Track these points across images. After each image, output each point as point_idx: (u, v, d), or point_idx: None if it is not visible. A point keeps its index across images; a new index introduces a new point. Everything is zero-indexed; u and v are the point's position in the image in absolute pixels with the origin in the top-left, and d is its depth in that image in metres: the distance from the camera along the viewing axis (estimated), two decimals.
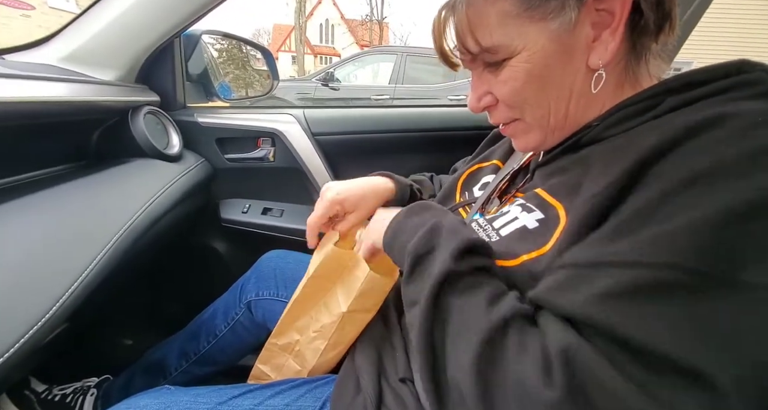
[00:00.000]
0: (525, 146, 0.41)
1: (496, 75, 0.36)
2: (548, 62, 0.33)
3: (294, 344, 0.52)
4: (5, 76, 0.50)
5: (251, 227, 0.93)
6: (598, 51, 0.33)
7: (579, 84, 0.35)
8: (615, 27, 0.32)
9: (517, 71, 0.34)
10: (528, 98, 0.35)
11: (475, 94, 0.39)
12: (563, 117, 0.36)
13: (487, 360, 0.27)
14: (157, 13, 0.72)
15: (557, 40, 0.32)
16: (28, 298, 0.36)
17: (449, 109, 1.04)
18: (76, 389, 0.70)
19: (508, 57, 0.34)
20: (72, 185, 0.56)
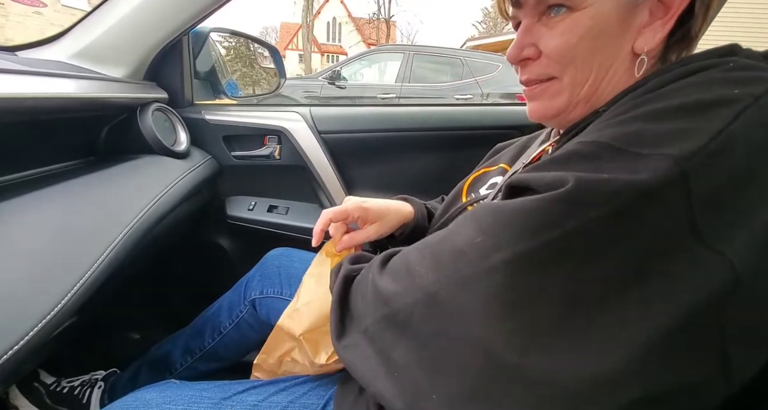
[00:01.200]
0: (543, 112, 0.40)
1: (552, 26, 0.35)
2: (606, 29, 0.34)
3: (279, 365, 0.50)
4: (17, 72, 0.51)
5: (257, 224, 0.94)
6: (646, 37, 0.34)
7: (620, 61, 0.35)
8: (668, 19, 0.34)
9: (578, 26, 0.34)
10: (577, 56, 0.35)
11: (520, 43, 0.38)
12: (595, 89, 0.36)
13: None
14: (165, 11, 0.73)
15: (623, 9, 0.33)
16: (38, 291, 0.37)
17: (456, 108, 1.03)
18: (84, 381, 0.71)
19: (575, 8, 0.34)
20: (81, 181, 0.57)
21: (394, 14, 20.26)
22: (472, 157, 0.64)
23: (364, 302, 0.36)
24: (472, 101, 4.00)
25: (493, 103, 3.52)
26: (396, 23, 22.61)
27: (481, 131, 0.96)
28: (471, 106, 1.13)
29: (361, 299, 0.37)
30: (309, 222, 0.93)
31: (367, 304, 0.35)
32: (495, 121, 0.97)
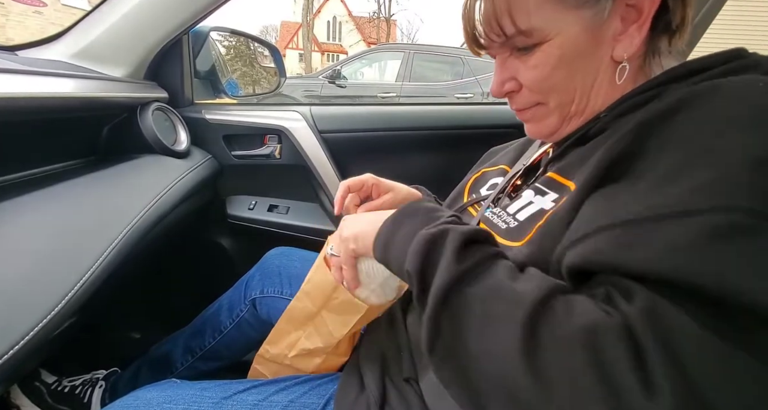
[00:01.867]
0: (539, 132, 0.41)
1: (524, 61, 0.36)
2: (579, 50, 0.34)
3: (283, 357, 0.51)
4: (18, 71, 0.51)
5: (257, 224, 0.94)
6: (624, 44, 0.35)
7: (602, 73, 0.36)
8: (642, 22, 0.34)
9: (548, 57, 0.35)
10: (555, 84, 0.36)
11: (499, 78, 0.39)
12: (584, 105, 0.37)
13: (536, 341, 0.24)
14: (165, 10, 0.73)
15: (590, 29, 0.34)
16: (39, 290, 0.37)
17: (456, 107, 1.03)
18: (85, 381, 0.71)
19: (540, 42, 0.34)
20: (81, 180, 0.57)
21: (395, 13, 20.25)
22: (473, 156, 0.64)
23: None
24: (472, 100, 4.00)
25: (494, 102, 3.51)
26: (396, 22, 22.58)
27: (481, 130, 0.96)
28: (471, 105, 1.13)
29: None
30: (309, 222, 0.93)
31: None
32: (495, 120, 0.97)
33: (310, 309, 0.49)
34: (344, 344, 0.49)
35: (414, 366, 0.43)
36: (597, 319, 0.23)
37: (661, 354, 0.21)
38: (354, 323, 0.45)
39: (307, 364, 0.50)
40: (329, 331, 0.47)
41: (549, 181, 0.37)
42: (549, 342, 0.23)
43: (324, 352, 0.49)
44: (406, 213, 0.36)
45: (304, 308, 0.49)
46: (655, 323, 0.22)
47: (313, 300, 0.48)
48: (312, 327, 0.49)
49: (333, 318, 0.47)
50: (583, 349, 0.22)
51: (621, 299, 0.24)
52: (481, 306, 0.27)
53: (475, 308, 0.27)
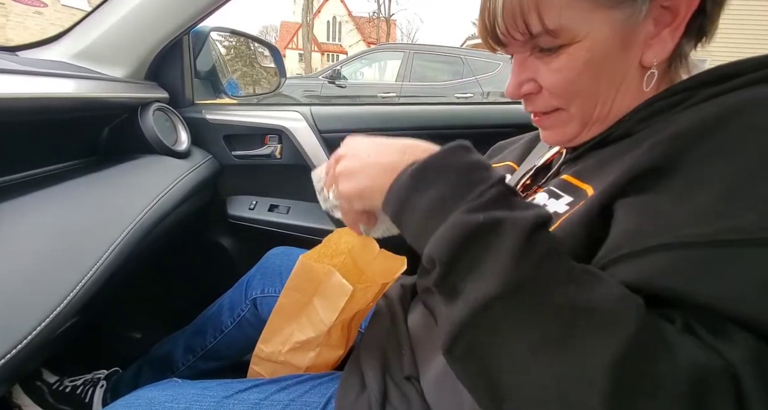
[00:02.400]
0: (558, 139, 0.38)
1: (547, 62, 0.33)
2: (607, 54, 0.32)
3: (277, 354, 0.52)
4: (19, 72, 0.51)
5: (258, 224, 0.94)
6: (655, 49, 0.32)
7: (629, 79, 0.33)
8: (676, 26, 0.31)
9: (575, 60, 0.32)
10: (580, 89, 0.34)
11: (516, 79, 0.35)
12: (608, 111, 0.35)
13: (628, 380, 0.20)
14: (166, 11, 0.73)
15: (621, 31, 0.31)
16: (41, 290, 0.37)
17: (456, 106, 1.03)
18: (87, 381, 0.72)
19: (567, 43, 0.32)
20: (83, 181, 0.57)
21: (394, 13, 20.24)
22: None
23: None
24: (472, 100, 4.00)
25: (494, 101, 3.51)
26: (396, 22, 22.58)
27: (481, 130, 0.96)
28: (471, 105, 1.13)
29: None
30: (310, 222, 0.93)
31: None
32: (495, 119, 0.97)
33: (301, 300, 0.50)
34: (336, 334, 0.49)
35: (415, 364, 0.43)
36: (704, 363, 0.20)
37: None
38: (342, 306, 0.46)
39: (302, 359, 0.50)
40: (320, 319, 0.48)
41: (564, 184, 0.35)
42: (646, 387, 0.20)
43: (317, 343, 0.49)
44: (434, 168, 0.28)
45: (295, 302, 0.50)
46: (762, 372, 0.20)
47: (303, 292, 0.49)
48: (305, 318, 0.50)
49: (323, 303, 0.48)
50: (686, 399, 0.19)
51: (713, 337, 0.21)
52: (543, 323, 0.22)
53: (532, 328, 0.22)
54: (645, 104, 0.33)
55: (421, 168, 0.28)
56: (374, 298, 0.49)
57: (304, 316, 0.50)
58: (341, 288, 0.45)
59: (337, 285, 0.46)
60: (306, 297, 0.50)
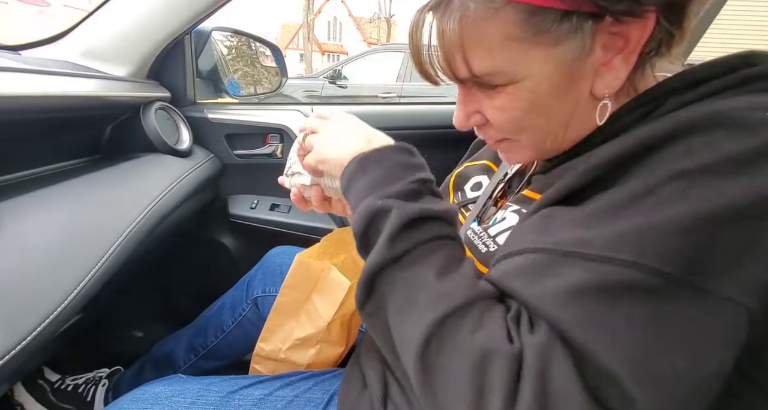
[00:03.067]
0: (516, 161, 0.39)
1: (490, 96, 0.31)
2: (552, 91, 0.29)
3: (278, 352, 0.52)
4: (21, 70, 0.51)
5: (259, 223, 0.94)
6: (606, 78, 0.29)
7: (580, 111, 0.31)
8: (628, 53, 0.28)
9: (517, 100, 0.30)
10: (524, 126, 0.32)
11: (463, 111, 0.34)
12: (560, 142, 0.33)
13: (437, 341, 0.25)
14: (168, 10, 0.73)
15: (566, 66, 0.28)
16: (44, 288, 0.37)
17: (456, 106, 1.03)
18: (88, 379, 0.72)
19: (507, 83, 0.29)
20: (85, 179, 0.57)
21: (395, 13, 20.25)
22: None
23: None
24: None
25: None
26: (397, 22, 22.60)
27: None
28: None
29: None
30: (311, 221, 0.93)
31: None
32: None
33: (299, 298, 0.50)
34: (336, 330, 0.50)
35: None
36: (496, 340, 0.24)
37: (533, 389, 0.22)
38: (340, 302, 0.46)
39: (303, 356, 0.51)
40: (319, 315, 0.48)
41: (524, 200, 0.35)
42: (447, 350, 0.25)
43: (317, 340, 0.49)
44: (376, 159, 0.33)
45: (293, 299, 0.51)
46: (542, 361, 0.23)
47: (301, 289, 0.50)
48: (303, 315, 0.50)
49: (321, 299, 0.48)
50: (472, 367, 0.24)
51: (527, 325, 0.25)
52: (406, 291, 0.28)
53: (400, 291, 0.28)
54: (613, 118, 0.31)
55: (366, 156, 0.33)
56: None
57: (303, 313, 0.50)
58: (339, 283, 0.45)
59: (335, 281, 0.46)
60: (304, 295, 0.50)
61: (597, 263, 0.24)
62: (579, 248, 0.25)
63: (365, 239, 0.30)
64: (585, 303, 0.23)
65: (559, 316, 0.24)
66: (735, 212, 0.22)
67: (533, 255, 0.27)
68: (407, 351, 0.27)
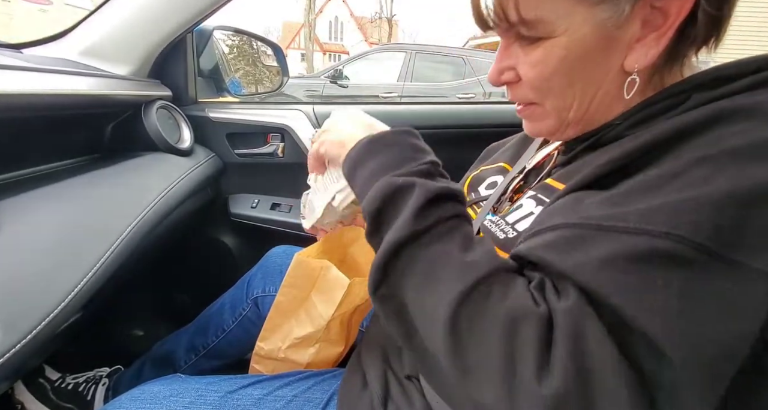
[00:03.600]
0: (537, 131, 0.39)
1: (527, 53, 0.33)
2: (585, 54, 0.31)
3: (277, 351, 0.52)
4: (23, 68, 0.51)
5: (260, 222, 0.94)
6: (638, 53, 0.31)
7: (608, 83, 0.32)
8: (664, 31, 0.30)
9: (550, 56, 0.31)
10: (553, 87, 0.33)
11: (498, 65, 0.35)
12: (584, 112, 0.34)
13: (467, 311, 0.26)
14: (170, 9, 0.73)
15: (602, 31, 0.30)
16: (45, 287, 0.37)
17: (458, 106, 1.03)
18: (89, 378, 0.72)
19: (546, 37, 0.31)
20: (86, 178, 0.57)
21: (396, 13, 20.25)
22: (475, 155, 0.63)
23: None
24: (474, 100, 4.00)
25: (495, 101, 3.50)
26: (398, 22, 22.59)
27: (483, 129, 0.96)
28: (473, 105, 1.13)
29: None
30: None
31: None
32: (497, 119, 0.97)
33: (299, 296, 0.50)
34: (336, 329, 0.49)
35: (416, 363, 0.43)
36: (524, 306, 0.25)
37: (567, 350, 0.23)
38: (340, 300, 0.46)
39: (302, 355, 0.51)
40: (319, 313, 0.48)
41: (547, 189, 0.35)
42: (478, 319, 0.26)
43: (316, 338, 0.49)
44: (385, 142, 0.35)
45: (293, 298, 0.50)
46: (574, 324, 0.24)
47: (300, 288, 0.50)
48: (303, 313, 0.50)
49: (321, 298, 0.48)
50: (502, 331, 0.25)
51: (553, 291, 0.26)
52: (428, 267, 0.28)
53: (421, 267, 0.28)
54: (636, 108, 0.33)
55: (375, 138, 0.36)
56: None
57: (302, 312, 0.50)
58: (338, 281, 0.45)
59: (335, 279, 0.46)
60: (303, 293, 0.50)
61: (632, 235, 0.24)
62: (613, 222, 0.25)
63: (379, 218, 0.31)
64: (622, 270, 0.24)
65: (595, 282, 0.24)
66: (766, 193, 0.23)
67: (565, 230, 0.27)
68: (433, 327, 0.27)
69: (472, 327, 0.25)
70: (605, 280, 0.24)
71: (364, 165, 0.35)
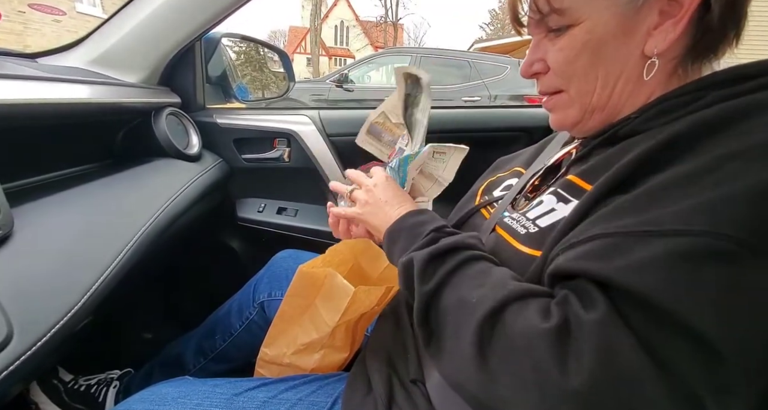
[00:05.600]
0: (562, 122, 0.40)
1: (555, 43, 0.36)
2: (607, 38, 0.34)
3: (282, 356, 0.52)
4: (38, 78, 0.53)
5: (266, 226, 0.95)
6: (656, 39, 0.33)
7: (630, 68, 0.35)
8: (680, 18, 0.32)
9: (575, 41, 0.34)
10: (578, 70, 0.36)
11: (529, 59, 0.39)
12: (607, 97, 0.36)
13: (486, 344, 0.28)
14: (179, 18, 0.75)
15: (621, 17, 0.33)
16: (60, 290, 0.38)
17: (464, 110, 1.03)
18: (100, 380, 0.73)
19: (572, 24, 0.34)
20: (98, 183, 0.59)
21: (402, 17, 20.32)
22: (482, 159, 0.64)
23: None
24: (480, 103, 3.99)
25: (502, 105, 3.49)
26: (403, 26, 22.67)
27: (489, 133, 0.96)
28: (479, 109, 1.13)
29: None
30: (318, 225, 0.94)
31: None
32: (503, 123, 0.97)
33: (303, 304, 0.50)
34: (340, 335, 0.50)
35: (420, 367, 0.43)
36: (532, 326, 0.27)
37: (597, 361, 0.24)
38: (345, 307, 0.46)
39: (307, 361, 0.51)
40: (323, 320, 0.48)
41: (570, 186, 0.36)
42: (497, 346, 0.28)
43: (321, 344, 0.49)
44: (396, 230, 0.42)
45: (297, 306, 0.51)
46: (604, 334, 0.24)
47: (303, 296, 0.50)
48: (307, 320, 0.50)
49: (326, 305, 0.48)
50: (523, 349, 0.27)
51: (579, 305, 0.26)
52: (451, 317, 0.32)
53: (447, 319, 0.32)
54: (653, 103, 0.34)
55: (390, 230, 0.43)
56: (380, 302, 0.49)
57: (306, 318, 0.51)
58: (343, 289, 0.46)
59: (340, 287, 0.46)
60: (308, 301, 0.50)
61: (671, 237, 0.25)
62: (650, 227, 0.26)
63: (408, 290, 0.36)
64: (667, 271, 0.24)
65: (641, 284, 0.24)
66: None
67: (603, 240, 0.28)
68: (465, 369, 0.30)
69: (493, 350, 0.28)
70: (653, 281, 0.24)
71: (392, 251, 0.42)
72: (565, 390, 0.24)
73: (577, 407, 0.24)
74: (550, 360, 0.25)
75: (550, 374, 0.25)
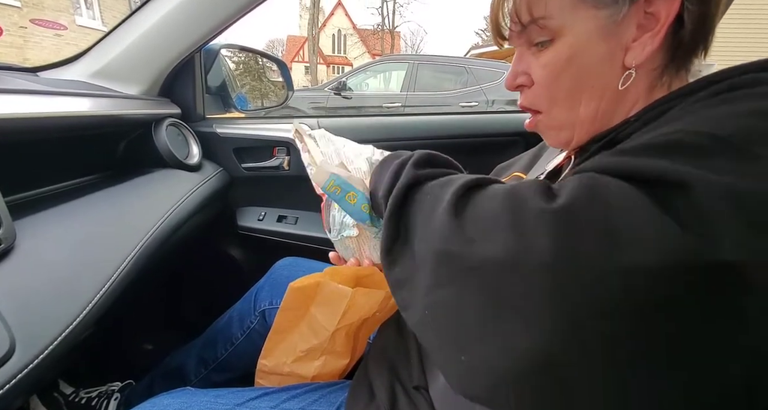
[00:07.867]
0: (556, 142, 0.41)
1: (538, 57, 0.36)
2: (590, 52, 0.34)
3: (282, 365, 0.52)
4: (40, 92, 0.54)
5: (267, 234, 0.95)
6: (635, 51, 0.34)
7: (612, 81, 0.35)
8: (657, 31, 0.33)
9: (559, 56, 0.35)
10: (562, 86, 0.36)
11: (513, 71, 0.39)
12: (593, 112, 0.36)
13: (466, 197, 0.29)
14: (179, 31, 0.76)
15: (603, 30, 0.33)
16: (61, 303, 0.38)
17: (461, 116, 1.04)
18: (101, 393, 0.72)
19: (553, 38, 0.34)
20: (100, 195, 0.59)
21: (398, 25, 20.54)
22: (479, 165, 0.64)
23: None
24: (477, 109, 4.02)
25: (499, 110, 3.52)
26: (400, 33, 22.90)
27: (487, 138, 0.97)
28: (476, 114, 1.14)
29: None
30: (317, 232, 0.94)
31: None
32: (500, 128, 0.98)
33: (297, 315, 0.50)
34: (341, 341, 0.49)
35: (423, 374, 0.43)
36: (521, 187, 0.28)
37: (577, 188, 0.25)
38: (343, 311, 0.46)
39: (308, 369, 0.51)
40: (322, 326, 0.48)
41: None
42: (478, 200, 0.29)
43: (321, 350, 0.49)
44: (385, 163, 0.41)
45: (293, 317, 0.51)
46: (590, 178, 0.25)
47: (297, 308, 0.50)
48: (305, 327, 0.50)
49: (322, 310, 0.48)
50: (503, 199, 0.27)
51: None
52: (430, 195, 0.32)
53: (426, 199, 0.32)
54: (653, 105, 0.34)
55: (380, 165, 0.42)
56: (381, 308, 0.49)
57: (304, 326, 0.50)
58: (339, 292, 0.46)
59: (335, 291, 0.46)
60: (301, 311, 0.50)
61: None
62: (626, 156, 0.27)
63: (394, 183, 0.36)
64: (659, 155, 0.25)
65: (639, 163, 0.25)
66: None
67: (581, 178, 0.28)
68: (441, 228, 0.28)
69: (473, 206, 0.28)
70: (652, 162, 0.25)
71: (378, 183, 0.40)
72: (544, 209, 0.24)
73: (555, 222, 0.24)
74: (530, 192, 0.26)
75: (527, 203, 0.25)
